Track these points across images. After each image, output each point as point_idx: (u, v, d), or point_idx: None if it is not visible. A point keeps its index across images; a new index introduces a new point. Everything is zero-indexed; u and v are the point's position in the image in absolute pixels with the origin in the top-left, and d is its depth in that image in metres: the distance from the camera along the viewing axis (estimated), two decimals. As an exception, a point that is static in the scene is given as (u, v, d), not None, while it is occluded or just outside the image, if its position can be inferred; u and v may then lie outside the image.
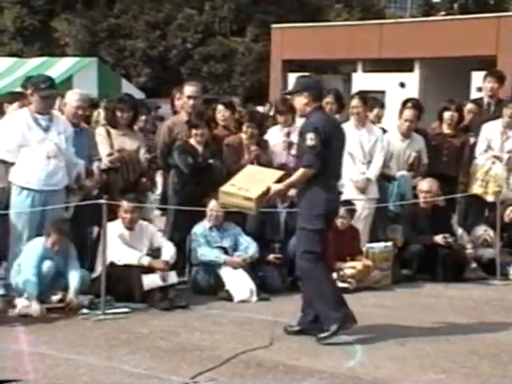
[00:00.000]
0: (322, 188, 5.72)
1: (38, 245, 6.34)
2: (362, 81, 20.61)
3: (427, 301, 6.88)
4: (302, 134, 5.78)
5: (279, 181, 5.86)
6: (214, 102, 8.65)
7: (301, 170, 5.71)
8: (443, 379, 4.98)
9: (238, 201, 5.81)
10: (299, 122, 7.84)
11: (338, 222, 7.52)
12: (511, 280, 7.88)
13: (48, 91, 6.56)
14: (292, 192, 6.25)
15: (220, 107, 8.16)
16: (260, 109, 9.93)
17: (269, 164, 7.84)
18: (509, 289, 7.60)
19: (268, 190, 5.77)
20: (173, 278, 6.71)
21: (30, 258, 6.27)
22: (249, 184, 5.86)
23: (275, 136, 8.07)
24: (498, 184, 8.28)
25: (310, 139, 5.63)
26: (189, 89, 7.92)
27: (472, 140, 8.61)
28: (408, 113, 8.35)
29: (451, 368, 5.16)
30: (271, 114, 8.68)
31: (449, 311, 5.42)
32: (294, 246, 7.42)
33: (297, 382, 4.91)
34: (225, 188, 5.95)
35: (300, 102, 5.83)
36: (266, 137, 8.09)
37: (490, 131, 8.42)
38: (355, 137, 8.05)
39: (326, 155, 5.67)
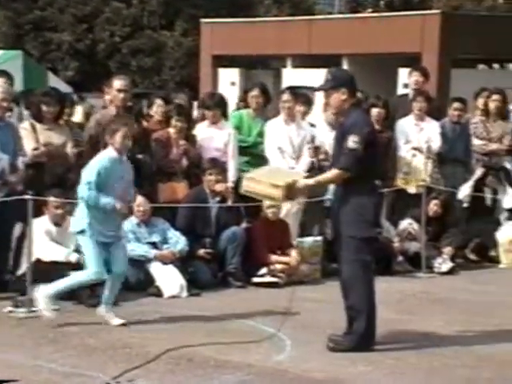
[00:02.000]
0: (370, 192, 5.43)
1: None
2: (292, 76, 20.72)
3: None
4: (343, 134, 5.44)
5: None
6: (144, 97, 8.56)
7: (336, 171, 5.43)
8: (371, 371, 5.06)
9: (264, 188, 5.50)
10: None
11: (269, 212, 7.56)
12: (436, 273, 8.06)
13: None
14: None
15: (158, 101, 8.10)
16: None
17: (197, 159, 7.84)
18: (434, 281, 7.76)
19: (295, 182, 5.52)
20: (101, 274, 6.61)
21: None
22: (275, 176, 5.64)
23: (203, 131, 8.06)
24: (420, 177, 8.47)
25: (353, 141, 5.33)
26: (118, 82, 7.81)
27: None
28: None
29: (379, 360, 5.24)
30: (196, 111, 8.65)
31: (377, 304, 5.49)
32: (225, 241, 7.44)
33: (226, 376, 4.91)
34: (250, 174, 5.74)
35: (337, 98, 5.46)
36: (195, 132, 8.07)
37: (405, 125, 8.68)
38: (285, 132, 8.11)
39: (371, 157, 5.40)
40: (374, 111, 8.51)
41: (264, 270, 7.39)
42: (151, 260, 7.05)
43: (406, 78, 10.45)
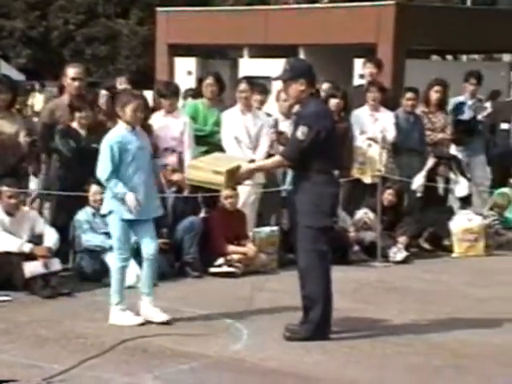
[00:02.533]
0: (327, 182, 5.42)
1: None
2: (249, 66, 20.69)
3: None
4: (296, 122, 5.47)
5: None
6: (96, 86, 8.45)
7: (278, 158, 5.52)
8: (326, 360, 5.10)
9: (206, 175, 5.53)
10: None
11: (227, 202, 7.56)
12: (391, 262, 8.14)
13: None
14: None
15: (103, 92, 7.99)
16: (148, 93, 9.79)
17: (154, 148, 7.78)
18: (389, 270, 7.84)
19: (238, 167, 5.53)
20: (56, 265, 6.56)
21: None
22: (218, 162, 5.66)
23: (159, 120, 8.00)
24: (376, 167, 8.55)
25: (302, 133, 5.33)
26: (72, 70, 7.71)
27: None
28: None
29: (334, 349, 5.28)
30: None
31: (333, 293, 5.53)
32: (181, 231, 7.41)
33: (182, 366, 4.90)
34: (193, 162, 5.74)
35: (295, 88, 5.43)
36: (150, 121, 8.01)
37: (360, 116, 8.75)
38: (241, 121, 8.10)
39: (329, 148, 5.41)
40: (333, 102, 8.55)
41: (221, 260, 7.39)
42: (107, 250, 6.98)
43: (361, 69, 10.53)
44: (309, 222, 5.40)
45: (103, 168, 5.68)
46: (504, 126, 9.50)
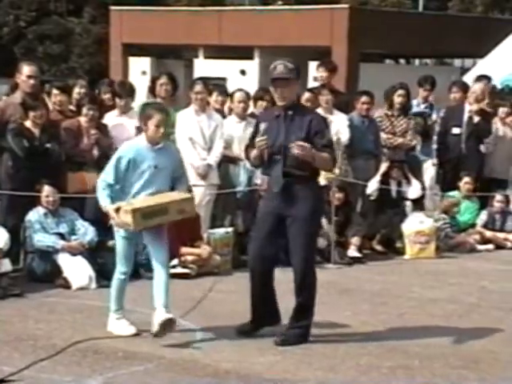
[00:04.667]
0: (318, 186, 5.56)
1: None
2: (204, 67, 20.68)
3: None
4: (320, 127, 5.36)
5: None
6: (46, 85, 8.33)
7: (329, 156, 5.33)
8: (279, 360, 5.12)
9: (122, 216, 5.28)
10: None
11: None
12: (344, 264, 8.20)
13: None
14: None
15: (55, 91, 7.91)
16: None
17: (109, 148, 7.72)
18: (341, 272, 7.90)
19: (161, 206, 5.29)
20: (6, 265, 6.48)
21: None
22: (143, 201, 5.35)
23: (113, 120, 7.94)
24: None
25: (330, 135, 5.52)
26: (28, 68, 7.61)
27: None
28: (239, 95, 8.50)
29: (288, 350, 5.31)
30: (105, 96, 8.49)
31: (287, 295, 5.56)
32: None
33: (135, 367, 4.88)
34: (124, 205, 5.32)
35: (295, 90, 5.41)
36: (104, 121, 7.95)
37: None
38: (195, 122, 8.09)
39: None
40: (260, 104, 8.56)
41: (175, 262, 7.36)
42: (59, 251, 6.91)
43: (315, 72, 10.60)
44: (312, 228, 5.45)
45: (103, 176, 5.45)
46: (455, 130, 9.65)
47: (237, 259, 7.79)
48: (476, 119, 9.63)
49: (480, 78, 10.39)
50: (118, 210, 5.27)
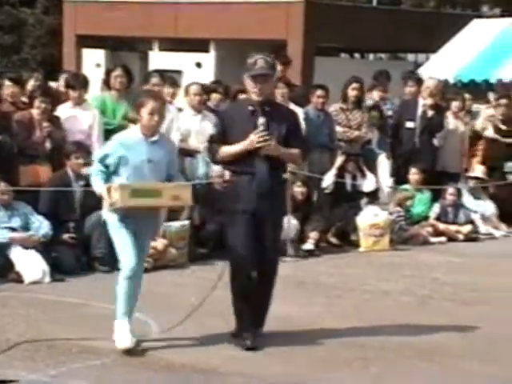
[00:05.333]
0: (285, 180, 5.65)
1: None
2: (159, 60, 20.54)
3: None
4: (296, 121, 5.43)
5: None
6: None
7: (298, 151, 5.33)
8: (235, 355, 5.12)
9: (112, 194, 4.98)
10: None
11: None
12: (301, 257, 8.24)
13: None
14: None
15: (7, 83, 7.79)
16: (53, 84, 9.57)
17: (63, 141, 7.64)
18: (297, 265, 7.94)
19: (154, 189, 5.03)
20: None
21: None
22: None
23: (66, 112, 7.85)
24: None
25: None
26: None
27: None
28: (194, 87, 8.47)
29: (242, 343, 5.31)
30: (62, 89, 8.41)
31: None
32: (90, 226, 7.30)
33: (90, 361, 4.84)
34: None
35: (272, 85, 5.43)
36: (57, 113, 7.86)
37: None
38: (152, 115, 8.03)
39: None
40: (214, 96, 8.56)
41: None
42: (11, 245, 6.82)
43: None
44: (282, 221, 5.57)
45: (94, 166, 5.16)
46: (409, 124, 9.75)
47: (193, 252, 7.78)
48: (430, 113, 9.75)
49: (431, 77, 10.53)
50: (108, 190, 5.00)
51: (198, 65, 20.39)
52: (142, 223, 5.11)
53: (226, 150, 5.26)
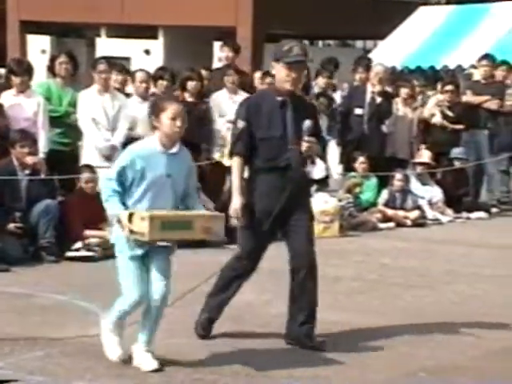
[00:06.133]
0: None
1: None
2: (107, 46, 20.28)
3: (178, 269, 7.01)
4: (316, 114, 5.22)
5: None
6: None
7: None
8: (186, 342, 5.10)
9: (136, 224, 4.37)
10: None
11: (87, 186, 7.44)
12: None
13: None
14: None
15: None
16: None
17: (5, 128, 7.48)
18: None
19: (185, 218, 4.47)
20: None
21: None
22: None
23: (10, 99, 7.70)
24: None
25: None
26: None
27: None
28: (140, 75, 8.41)
29: (193, 333, 5.28)
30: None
31: (192, 276, 5.54)
32: (36, 215, 7.18)
33: (36, 352, 4.76)
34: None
35: (303, 76, 5.17)
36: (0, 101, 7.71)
37: (219, 99, 8.83)
38: (99, 103, 7.95)
39: None
40: (191, 84, 8.52)
41: (79, 244, 7.24)
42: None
43: (219, 52, 10.58)
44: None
45: (108, 184, 4.51)
46: (358, 111, 9.82)
47: (142, 241, 7.70)
48: (378, 100, 9.83)
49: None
50: (130, 217, 4.41)
51: (147, 52, 20.20)
52: (154, 250, 4.56)
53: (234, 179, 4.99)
